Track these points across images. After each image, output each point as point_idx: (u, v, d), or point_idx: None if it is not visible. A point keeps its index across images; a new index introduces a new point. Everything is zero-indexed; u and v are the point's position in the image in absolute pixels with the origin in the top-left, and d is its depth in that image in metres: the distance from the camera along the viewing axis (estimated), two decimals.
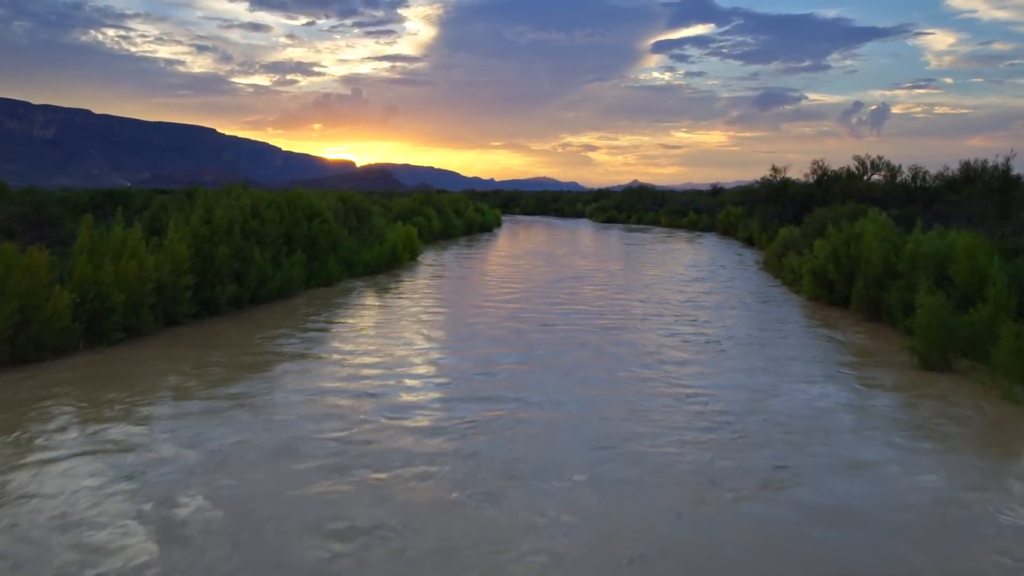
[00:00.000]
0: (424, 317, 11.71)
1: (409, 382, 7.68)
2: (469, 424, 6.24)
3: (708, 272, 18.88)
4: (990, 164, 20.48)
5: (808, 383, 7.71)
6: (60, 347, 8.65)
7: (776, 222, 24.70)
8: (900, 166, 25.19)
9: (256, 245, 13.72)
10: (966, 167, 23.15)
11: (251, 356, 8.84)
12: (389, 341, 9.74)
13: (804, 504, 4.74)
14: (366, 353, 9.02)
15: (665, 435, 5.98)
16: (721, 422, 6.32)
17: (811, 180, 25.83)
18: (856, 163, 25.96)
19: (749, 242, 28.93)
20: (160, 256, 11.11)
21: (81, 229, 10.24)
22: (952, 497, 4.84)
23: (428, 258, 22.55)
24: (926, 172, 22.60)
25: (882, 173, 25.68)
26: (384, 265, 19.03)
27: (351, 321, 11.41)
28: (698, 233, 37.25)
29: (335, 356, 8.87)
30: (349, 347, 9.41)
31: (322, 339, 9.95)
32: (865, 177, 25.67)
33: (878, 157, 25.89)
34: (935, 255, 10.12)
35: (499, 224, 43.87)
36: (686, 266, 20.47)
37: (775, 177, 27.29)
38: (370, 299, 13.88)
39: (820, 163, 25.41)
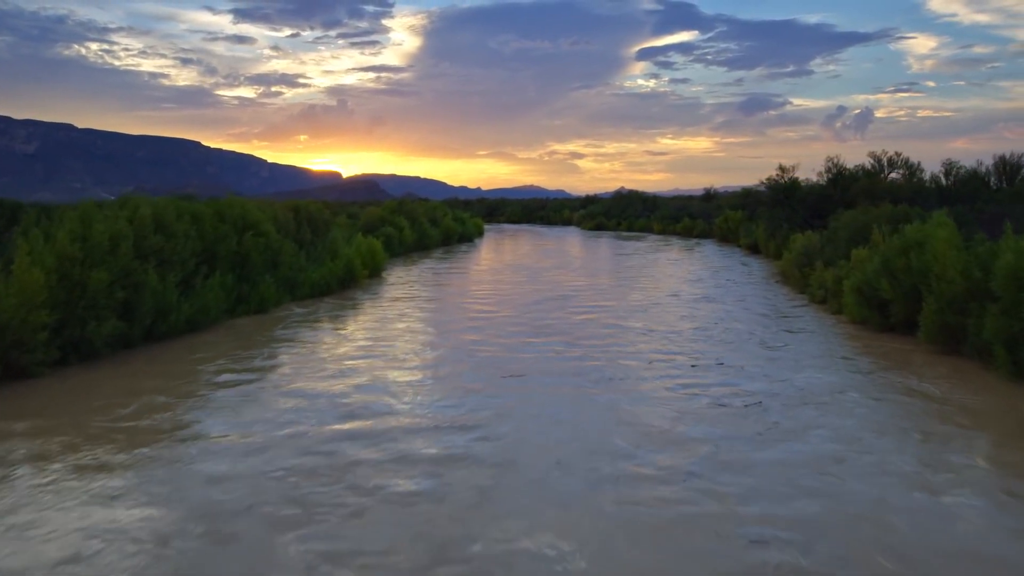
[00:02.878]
0: (347, 364, 8.67)
1: (275, 490, 4.70)
2: None
3: (716, 288, 15.98)
4: None
5: (927, 489, 4.70)
6: None
7: (785, 227, 22.11)
8: (919, 163, 22.75)
9: (157, 267, 10.81)
10: (1001, 161, 20.61)
11: (71, 436, 5.81)
12: (283, 406, 6.74)
13: None
14: (242, 427, 6.04)
15: None
16: None
17: (823, 181, 23.20)
18: (872, 161, 23.45)
19: (753, 250, 26.22)
20: (2, 286, 8.29)
21: None
22: None
23: (394, 274, 19.60)
24: (961, 167, 19.90)
25: (900, 171, 23.28)
26: (337, 285, 16.11)
27: (254, 369, 8.40)
28: (695, 240, 34.46)
29: (188, 441, 5.83)
30: (222, 420, 6.40)
31: (189, 406, 6.92)
32: (882, 176, 23.16)
33: (895, 154, 23.45)
34: None
35: (481, 234, 41.02)
36: (689, 281, 17.58)
37: (782, 177, 24.58)
38: (299, 333, 10.87)
39: (834, 160, 22.73)
